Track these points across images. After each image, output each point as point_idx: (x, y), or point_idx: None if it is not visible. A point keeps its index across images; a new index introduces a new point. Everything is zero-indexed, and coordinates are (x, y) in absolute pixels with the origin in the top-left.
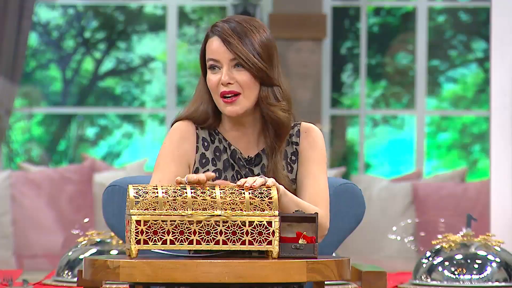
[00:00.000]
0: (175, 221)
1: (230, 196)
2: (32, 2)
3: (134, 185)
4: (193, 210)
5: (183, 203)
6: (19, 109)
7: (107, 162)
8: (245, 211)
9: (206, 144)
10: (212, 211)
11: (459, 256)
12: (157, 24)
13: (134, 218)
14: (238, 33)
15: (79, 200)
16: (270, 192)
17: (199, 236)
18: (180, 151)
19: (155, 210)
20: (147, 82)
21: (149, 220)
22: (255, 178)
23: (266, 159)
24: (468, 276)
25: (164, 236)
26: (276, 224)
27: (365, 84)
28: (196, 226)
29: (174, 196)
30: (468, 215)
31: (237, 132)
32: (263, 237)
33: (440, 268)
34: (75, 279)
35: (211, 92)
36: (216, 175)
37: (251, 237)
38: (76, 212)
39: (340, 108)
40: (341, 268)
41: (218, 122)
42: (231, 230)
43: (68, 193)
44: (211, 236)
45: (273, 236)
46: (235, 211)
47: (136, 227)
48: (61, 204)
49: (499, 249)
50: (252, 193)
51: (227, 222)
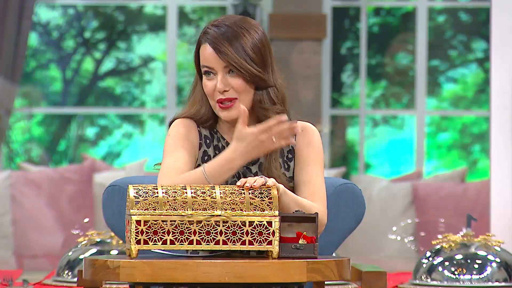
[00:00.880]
0: (175, 221)
1: (230, 196)
2: (32, 2)
3: (134, 185)
4: (193, 210)
5: (183, 203)
6: (19, 109)
7: (107, 162)
8: (245, 211)
9: (208, 141)
10: (212, 211)
11: (459, 256)
12: (157, 24)
13: (134, 218)
14: (229, 38)
15: (79, 200)
16: (270, 192)
17: (199, 236)
18: (188, 141)
19: (155, 210)
20: (147, 82)
21: (149, 220)
22: (255, 178)
23: (263, 157)
24: (468, 276)
25: (164, 236)
26: (276, 224)
27: (365, 84)
28: (196, 226)
29: (174, 196)
30: (468, 215)
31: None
32: (263, 237)
33: (440, 268)
34: (75, 279)
35: (208, 97)
36: None
37: (251, 237)
38: (76, 212)
39: (340, 108)
40: (341, 268)
41: (217, 122)
42: (231, 230)
43: (68, 193)
44: (211, 236)
45: (273, 236)
46: (235, 211)
47: (136, 227)
48: (61, 204)
49: (499, 249)
50: (252, 193)
51: (227, 222)
